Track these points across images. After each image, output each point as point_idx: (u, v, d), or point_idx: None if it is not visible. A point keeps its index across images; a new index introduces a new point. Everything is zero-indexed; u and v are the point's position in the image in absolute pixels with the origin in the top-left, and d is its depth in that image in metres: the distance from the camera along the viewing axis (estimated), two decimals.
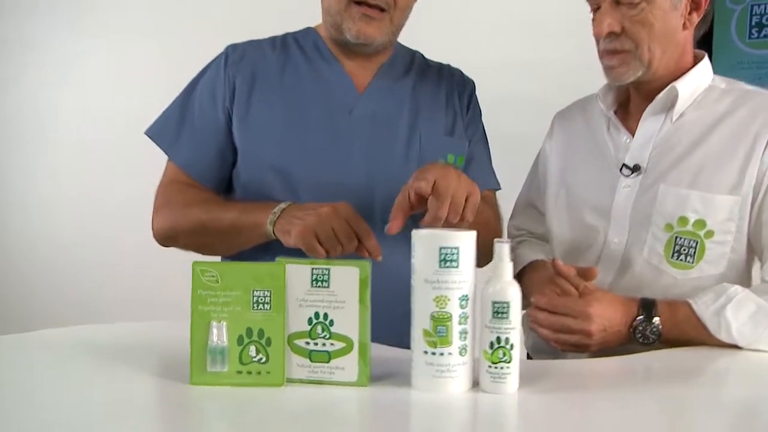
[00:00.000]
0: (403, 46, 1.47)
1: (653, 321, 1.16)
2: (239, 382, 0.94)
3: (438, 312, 0.91)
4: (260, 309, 0.94)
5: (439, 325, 0.91)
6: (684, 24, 1.25)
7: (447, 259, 0.90)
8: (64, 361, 1.06)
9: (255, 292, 0.94)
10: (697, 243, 1.22)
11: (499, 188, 1.50)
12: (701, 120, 1.26)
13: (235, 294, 0.94)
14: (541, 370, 1.02)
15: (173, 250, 1.38)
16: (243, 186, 1.36)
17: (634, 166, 1.29)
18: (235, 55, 1.38)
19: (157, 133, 1.40)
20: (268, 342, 0.94)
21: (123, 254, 2.76)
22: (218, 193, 1.39)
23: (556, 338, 1.15)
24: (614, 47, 1.24)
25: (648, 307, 1.17)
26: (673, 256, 1.23)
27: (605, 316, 1.15)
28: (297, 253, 1.08)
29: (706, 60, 1.30)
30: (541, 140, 1.52)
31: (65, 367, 1.04)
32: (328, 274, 0.94)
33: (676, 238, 1.22)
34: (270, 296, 0.94)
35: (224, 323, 0.94)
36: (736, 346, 1.14)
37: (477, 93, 1.50)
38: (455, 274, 0.91)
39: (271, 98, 1.35)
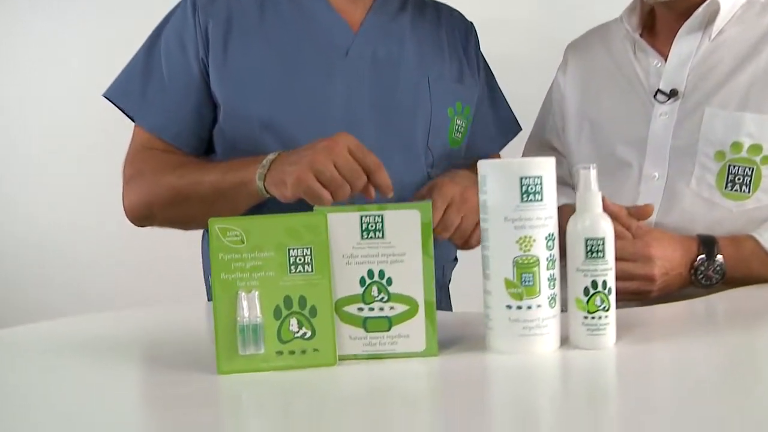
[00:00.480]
0: None
1: (716, 259, 1.04)
2: (280, 365, 0.76)
3: (523, 256, 0.75)
4: (299, 272, 0.76)
5: (525, 272, 0.75)
6: None
7: (530, 191, 0.74)
8: (56, 359, 0.85)
9: (291, 251, 0.76)
10: (753, 170, 1.09)
11: (521, 129, 1.38)
12: (744, 36, 1.14)
13: (267, 255, 0.76)
14: (631, 319, 0.87)
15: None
16: (228, 146, 1.17)
17: (671, 90, 1.16)
18: None
19: (118, 94, 1.18)
20: (313, 312, 0.76)
21: (106, 241, 2.46)
22: (197, 157, 1.19)
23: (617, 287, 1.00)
24: None
25: (709, 244, 1.05)
26: (726, 186, 1.10)
27: (666, 257, 1.02)
28: (297, 209, 0.87)
29: None
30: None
31: (57, 366, 0.83)
32: (382, 221, 0.76)
33: (730, 166, 1.10)
34: (311, 254, 0.76)
35: (256, 293, 0.75)
36: None
37: None
38: (540, 209, 0.75)
39: (252, 43, 1.15)
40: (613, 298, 0.77)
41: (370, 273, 0.77)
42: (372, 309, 0.77)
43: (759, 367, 0.73)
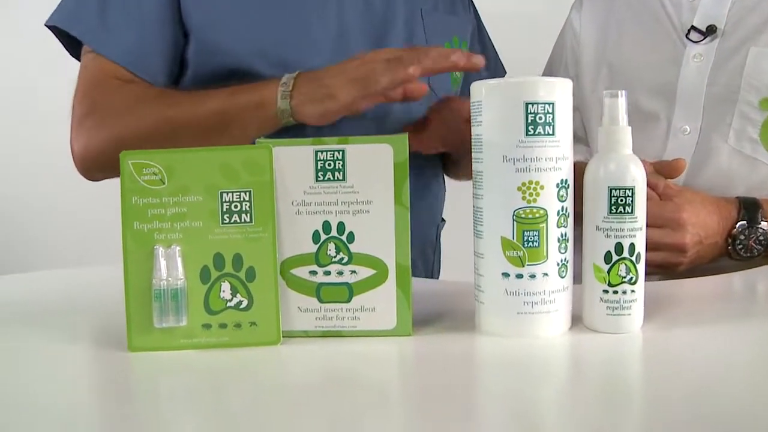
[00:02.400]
0: None
1: (759, 227, 0.86)
2: (208, 343, 0.58)
3: (527, 208, 0.57)
4: (235, 222, 0.58)
5: (528, 228, 0.57)
6: None
7: (538, 122, 0.56)
8: None
9: (225, 195, 0.58)
10: None
11: (506, 72, 1.23)
12: None
13: (194, 200, 0.58)
14: (659, 295, 0.70)
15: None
16: (202, 81, 0.97)
17: (708, 27, 0.97)
18: None
19: (69, 20, 0.98)
20: (251, 275, 0.58)
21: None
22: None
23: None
24: None
25: (751, 209, 0.87)
26: None
27: (700, 223, 0.84)
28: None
29: None
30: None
31: None
32: (343, 158, 0.59)
33: None
34: (250, 200, 0.58)
35: (177, 248, 0.58)
36: None
37: None
38: (552, 146, 0.57)
39: None
40: (642, 268, 0.59)
41: (327, 226, 0.59)
42: (328, 273, 0.59)
43: None
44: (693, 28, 0.98)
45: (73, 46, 1.02)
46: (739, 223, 0.87)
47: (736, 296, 0.80)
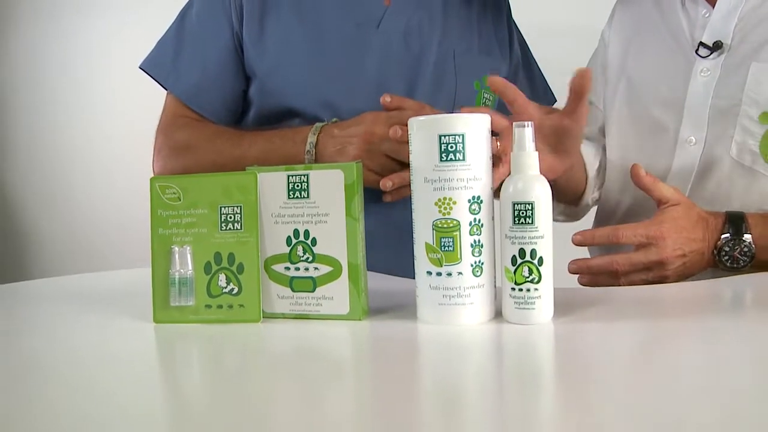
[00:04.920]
0: None
1: (744, 239, 0.92)
2: (208, 318, 0.77)
3: (442, 220, 0.71)
4: (230, 229, 0.77)
5: (444, 236, 0.71)
6: None
7: (449, 150, 0.70)
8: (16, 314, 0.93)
9: (223, 208, 0.77)
10: None
11: (556, 100, 1.31)
12: None
13: (201, 212, 0.77)
14: (589, 298, 0.80)
15: None
16: (259, 118, 1.18)
17: (715, 43, 1.03)
18: None
19: (151, 64, 1.22)
20: (240, 269, 0.77)
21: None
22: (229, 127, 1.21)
23: (627, 282, 0.92)
24: None
25: (736, 221, 0.93)
26: None
27: (684, 237, 0.91)
28: None
29: None
30: None
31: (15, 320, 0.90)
32: (307, 181, 0.75)
33: None
34: (240, 213, 0.77)
35: (188, 248, 0.78)
36: None
37: None
38: (462, 169, 0.70)
39: (287, 16, 1.16)
40: (546, 270, 0.70)
41: (296, 233, 0.76)
42: (298, 269, 0.77)
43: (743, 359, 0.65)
44: (702, 44, 1.04)
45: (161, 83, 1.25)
46: (723, 236, 0.92)
47: (654, 301, 0.84)
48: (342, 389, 0.58)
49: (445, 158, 0.70)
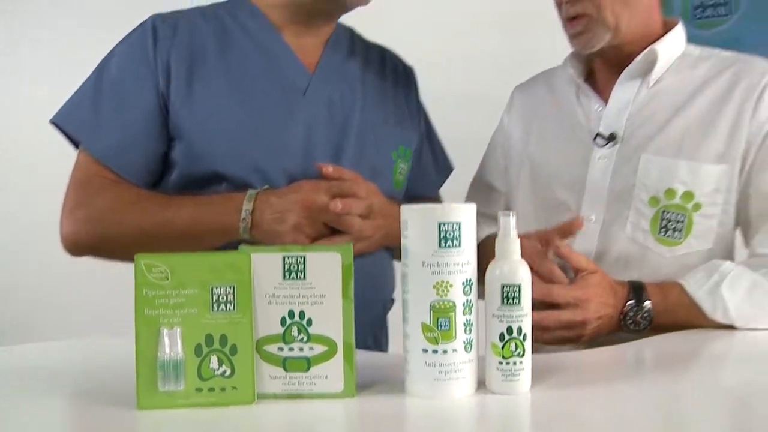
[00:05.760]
0: (339, 21, 1.32)
1: (644, 305, 1.06)
2: (199, 402, 0.76)
3: (439, 301, 0.77)
4: (222, 310, 0.77)
5: (441, 316, 0.77)
6: None
7: (448, 237, 0.76)
8: None
9: (215, 289, 0.77)
10: (684, 217, 1.12)
11: (453, 168, 1.44)
12: (680, 86, 1.18)
13: (191, 292, 0.77)
14: (550, 366, 0.89)
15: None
16: (183, 180, 1.16)
17: (610, 135, 1.19)
18: (165, 29, 1.17)
19: (67, 120, 1.17)
20: (233, 350, 0.77)
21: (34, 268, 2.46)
22: (150, 190, 1.18)
23: (549, 337, 1.02)
24: (576, 11, 1.15)
25: (638, 290, 1.07)
26: (660, 231, 1.13)
27: (601, 301, 1.04)
28: None
29: (680, 26, 1.22)
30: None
31: None
32: (304, 263, 0.78)
33: (663, 212, 1.13)
34: (233, 293, 0.77)
35: (178, 330, 0.77)
36: (731, 327, 1.05)
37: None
38: (457, 255, 0.77)
39: (215, 79, 1.16)
40: (528, 344, 0.78)
41: (291, 313, 0.78)
42: (292, 349, 0.78)
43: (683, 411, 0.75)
44: (599, 134, 1.20)
45: (74, 140, 1.19)
46: (628, 302, 1.06)
47: (624, 363, 0.98)
48: None
49: (443, 244, 0.76)
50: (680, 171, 1.12)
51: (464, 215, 0.77)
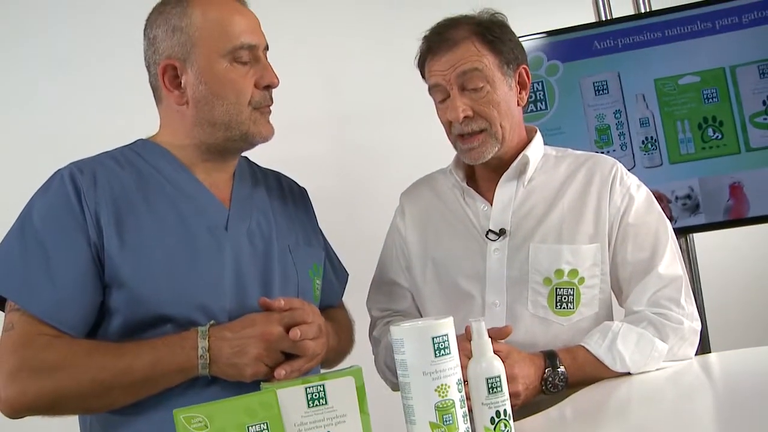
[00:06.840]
0: None
1: (558, 370, 1.27)
2: None
3: (442, 401, 0.92)
4: None
5: (445, 413, 0.92)
6: (518, 101, 1.42)
7: (441, 347, 0.92)
8: None
9: (250, 427, 0.87)
10: (573, 290, 1.37)
11: (348, 275, 1.55)
12: (548, 183, 1.43)
13: None
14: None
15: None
16: (130, 328, 1.19)
17: (500, 230, 1.41)
18: (84, 180, 1.20)
19: None
20: None
21: None
22: (92, 339, 1.19)
23: None
24: (470, 129, 1.37)
25: (552, 357, 1.28)
26: (556, 305, 1.37)
27: (525, 374, 1.24)
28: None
29: (539, 133, 1.48)
30: None
31: None
32: (324, 390, 0.91)
33: (556, 289, 1.37)
34: (268, 428, 0.88)
35: None
36: (628, 374, 1.29)
37: None
38: (450, 361, 0.93)
39: (144, 222, 1.21)
40: (511, 422, 0.96)
41: None
42: None
43: None
44: (490, 230, 1.42)
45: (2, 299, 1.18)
46: (546, 369, 1.27)
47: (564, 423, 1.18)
48: None
49: (438, 354, 0.92)
50: (564, 254, 1.37)
51: (449, 327, 0.94)
